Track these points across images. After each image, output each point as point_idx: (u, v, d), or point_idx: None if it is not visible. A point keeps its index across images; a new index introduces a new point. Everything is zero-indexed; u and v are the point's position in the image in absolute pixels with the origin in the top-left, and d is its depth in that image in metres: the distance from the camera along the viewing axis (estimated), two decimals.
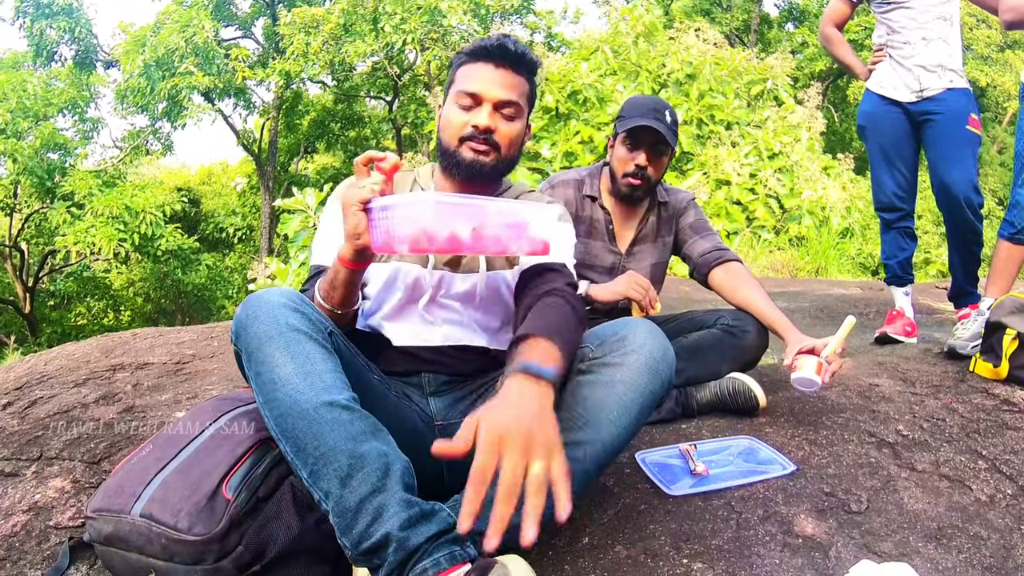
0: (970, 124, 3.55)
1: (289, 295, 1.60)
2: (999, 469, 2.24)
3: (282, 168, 24.04)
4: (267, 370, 1.51)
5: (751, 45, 22.52)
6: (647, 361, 1.68)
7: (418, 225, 1.49)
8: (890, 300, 4.00)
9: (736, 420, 2.59)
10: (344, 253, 1.71)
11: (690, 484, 2.10)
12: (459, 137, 1.96)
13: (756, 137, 10.17)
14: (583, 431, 1.63)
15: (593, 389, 1.67)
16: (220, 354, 3.82)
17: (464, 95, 1.95)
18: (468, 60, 2.00)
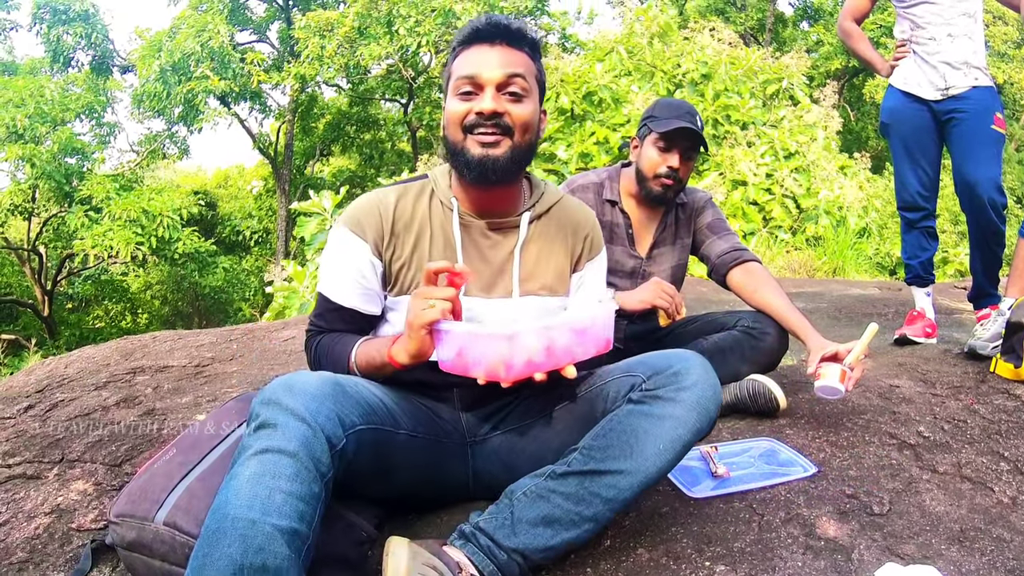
0: (995, 123, 3.50)
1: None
2: (1021, 471, 2.23)
3: (298, 171, 24.17)
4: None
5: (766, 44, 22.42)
6: (699, 400, 1.67)
7: (497, 356, 1.52)
8: (909, 300, 3.97)
9: (756, 422, 2.59)
10: (399, 358, 1.67)
11: (711, 486, 2.10)
12: (462, 128, 1.80)
13: (772, 137, 10.14)
14: (628, 461, 1.62)
15: (643, 421, 1.65)
16: (239, 356, 3.84)
17: (463, 81, 1.79)
18: (462, 47, 1.84)
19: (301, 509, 1.37)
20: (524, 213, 1.95)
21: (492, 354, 1.52)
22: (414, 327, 1.60)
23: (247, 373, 3.49)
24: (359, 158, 25.97)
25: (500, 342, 1.51)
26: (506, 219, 1.94)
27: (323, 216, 7.85)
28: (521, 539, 1.61)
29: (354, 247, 1.87)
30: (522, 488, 1.68)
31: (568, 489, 1.63)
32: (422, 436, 1.81)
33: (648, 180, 2.83)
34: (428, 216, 1.91)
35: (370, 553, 1.73)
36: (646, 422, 1.64)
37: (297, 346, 4.08)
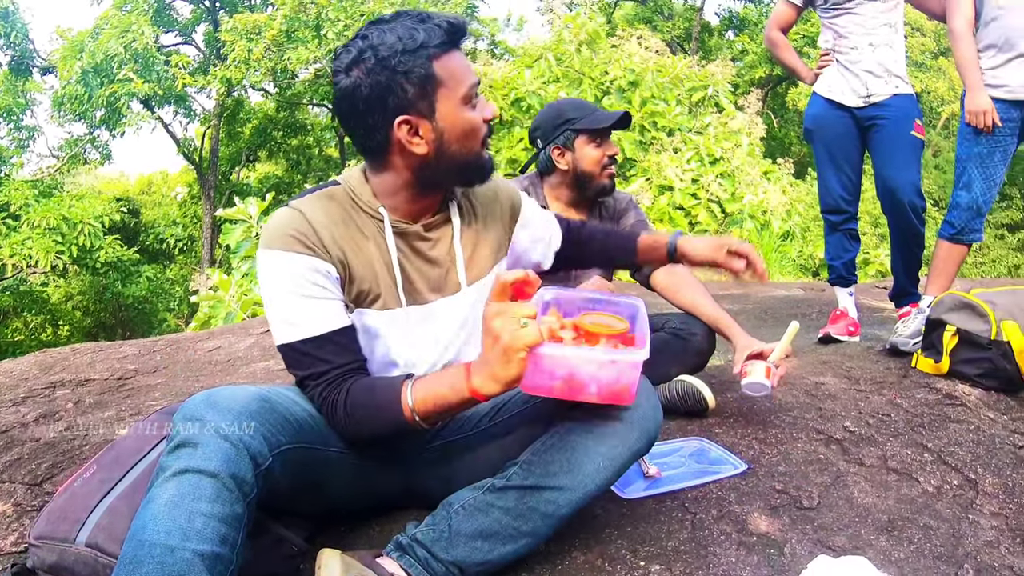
0: (915, 130, 3.64)
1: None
2: (944, 461, 2.30)
3: (223, 177, 23.70)
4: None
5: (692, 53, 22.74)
6: (641, 419, 1.66)
7: (619, 384, 1.50)
8: (832, 300, 4.07)
9: (686, 422, 2.61)
10: (488, 389, 1.50)
11: (643, 487, 2.11)
12: (481, 140, 1.73)
13: (698, 143, 10.31)
14: (568, 477, 1.60)
15: (584, 438, 1.63)
16: (163, 368, 3.76)
17: (472, 89, 1.69)
18: (441, 51, 1.64)
19: (223, 532, 1.32)
20: (450, 203, 1.85)
21: (607, 375, 1.48)
22: (512, 350, 1.42)
23: (172, 385, 3.42)
24: (286, 164, 25.59)
25: (627, 369, 1.49)
26: (438, 216, 1.83)
27: (248, 223, 7.75)
28: (458, 552, 1.59)
29: (298, 264, 1.65)
30: (460, 500, 1.65)
31: (507, 503, 1.61)
32: (356, 453, 1.74)
33: (596, 177, 2.87)
34: (361, 224, 1.75)
35: (301, 567, 1.68)
36: (587, 439, 1.62)
37: (223, 356, 4.01)
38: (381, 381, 1.68)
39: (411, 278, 1.78)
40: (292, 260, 1.65)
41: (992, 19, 3.40)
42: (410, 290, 1.78)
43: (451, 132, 1.67)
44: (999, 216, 19.59)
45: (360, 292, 1.73)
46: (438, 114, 1.66)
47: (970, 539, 1.90)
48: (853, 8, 3.68)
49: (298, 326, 1.65)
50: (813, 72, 3.93)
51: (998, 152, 3.44)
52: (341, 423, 1.65)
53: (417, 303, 1.79)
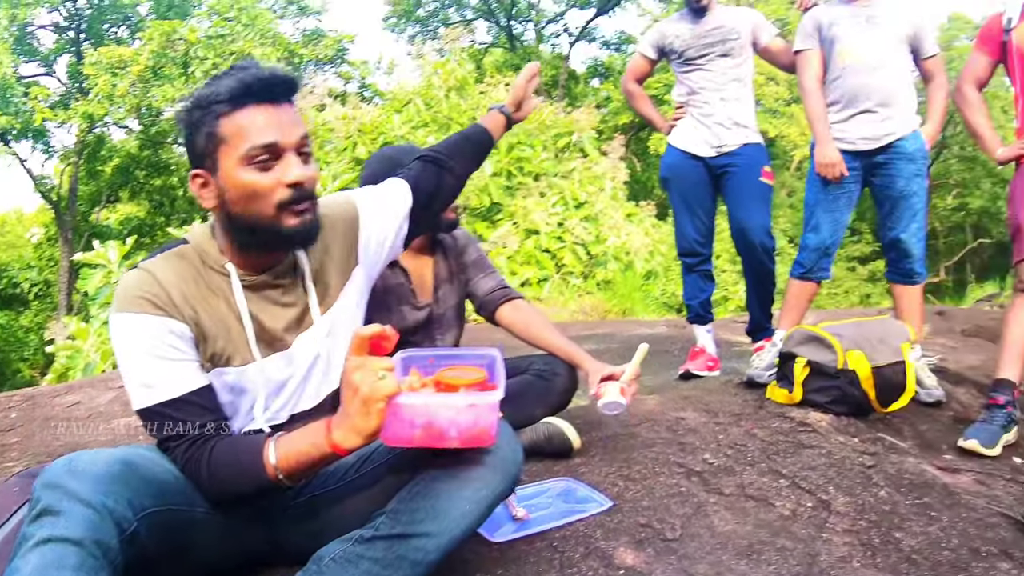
0: (763, 176, 3.90)
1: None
2: (799, 485, 2.43)
3: (83, 218, 22.68)
4: None
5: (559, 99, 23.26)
6: (502, 461, 1.68)
7: (477, 427, 1.52)
8: (694, 336, 4.23)
9: (552, 463, 2.65)
10: (349, 443, 1.50)
11: (512, 529, 2.14)
12: (275, 204, 1.64)
13: (563, 187, 10.52)
14: (434, 523, 1.60)
15: (448, 483, 1.63)
16: (19, 426, 3.56)
17: (259, 150, 1.61)
18: (232, 108, 1.62)
19: None
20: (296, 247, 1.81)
21: (466, 419, 1.50)
22: (372, 401, 1.44)
23: (29, 444, 3.27)
24: (148, 205, 24.64)
25: (484, 411, 1.52)
26: (286, 261, 1.80)
27: (108, 269, 7.45)
28: None
29: (151, 326, 1.64)
30: (330, 554, 1.63)
31: (376, 554, 1.60)
32: (222, 512, 1.69)
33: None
34: (211, 282, 1.73)
35: None
36: (451, 484, 1.63)
37: (83, 412, 3.85)
38: (243, 440, 1.68)
39: (267, 326, 1.77)
40: (145, 322, 1.64)
41: (837, 77, 3.66)
42: (268, 339, 1.77)
43: (231, 193, 1.66)
44: (850, 250, 20.75)
45: (214, 352, 1.72)
46: (220, 172, 1.66)
47: (824, 556, 2.01)
48: (704, 65, 3.93)
49: (155, 388, 1.64)
50: (668, 123, 4.14)
51: (843, 198, 3.67)
52: (205, 484, 1.64)
53: (276, 350, 1.78)
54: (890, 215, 3.63)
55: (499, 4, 28.28)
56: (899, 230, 3.61)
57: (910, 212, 3.58)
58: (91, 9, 20.99)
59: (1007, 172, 3.41)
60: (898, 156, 3.58)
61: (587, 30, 28.35)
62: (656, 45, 4.12)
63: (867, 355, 3.03)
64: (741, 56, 3.95)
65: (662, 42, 4.08)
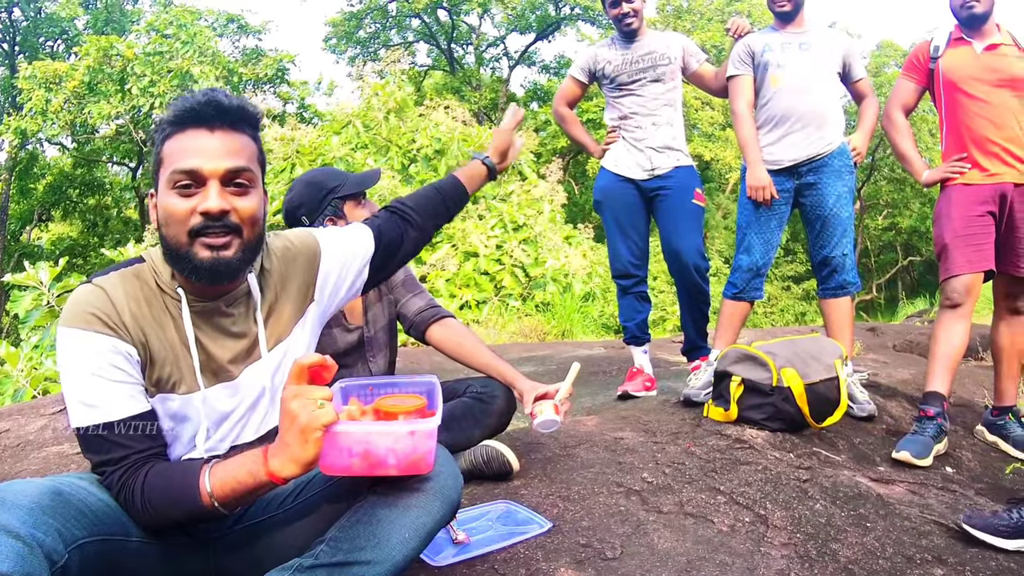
0: (695, 198, 3.97)
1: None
2: (736, 501, 2.45)
3: (13, 237, 22.15)
4: None
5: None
6: (442, 488, 1.67)
7: (415, 454, 1.51)
8: (631, 356, 4.26)
9: (492, 485, 2.65)
10: (286, 472, 1.47)
11: (453, 553, 2.13)
12: (188, 231, 1.61)
13: (502, 210, 10.56)
14: (375, 551, 1.58)
15: (388, 511, 1.62)
16: None
17: (180, 175, 1.60)
18: (174, 130, 1.63)
19: None
20: (249, 276, 1.79)
21: (404, 447, 1.50)
22: (309, 430, 1.42)
23: None
24: (82, 225, 24.19)
25: (423, 439, 1.51)
26: (237, 290, 1.78)
27: (39, 291, 7.27)
28: None
29: (98, 344, 1.60)
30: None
31: None
32: (156, 540, 1.65)
33: None
34: (163, 305, 1.71)
35: None
36: (391, 512, 1.62)
37: (13, 439, 3.72)
38: (178, 466, 1.64)
39: (214, 355, 1.74)
40: (92, 340, 1.60)
41: (768, 100, 3.76)
42: (215, 368, 1.74)
43: (161, 213, 1.65)
44: (785, 270, 21.13)
45: (160, 377, 1.69)
46: (159, 192, 1.66)
47: (763, 570, 2.04)
48: (636, 90, 4.00)
49: (96, 409, 1.59)
50: (600, 147, 4.20)
51: (774, 219, 3.75)
52: (138, 510, 1.59)
53: (221, 380, 1.75)
54: (821, 234, 3.72)
55: (440, 27, 28.40)
56: (830, 248, 3.70)
57: (840, 229, 3.68)
58: (26, 22, 20.66)
59: (935, 193, 3.53)
60: (826, 174, 3.68)
61: (527, 54, 28.70)
62: (587, 69, 4.17)
63: (800, 372, 3.09)
64: (672, 81, 4.03)
65: (593, 67, 4.14)
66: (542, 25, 27.28)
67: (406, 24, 28.48)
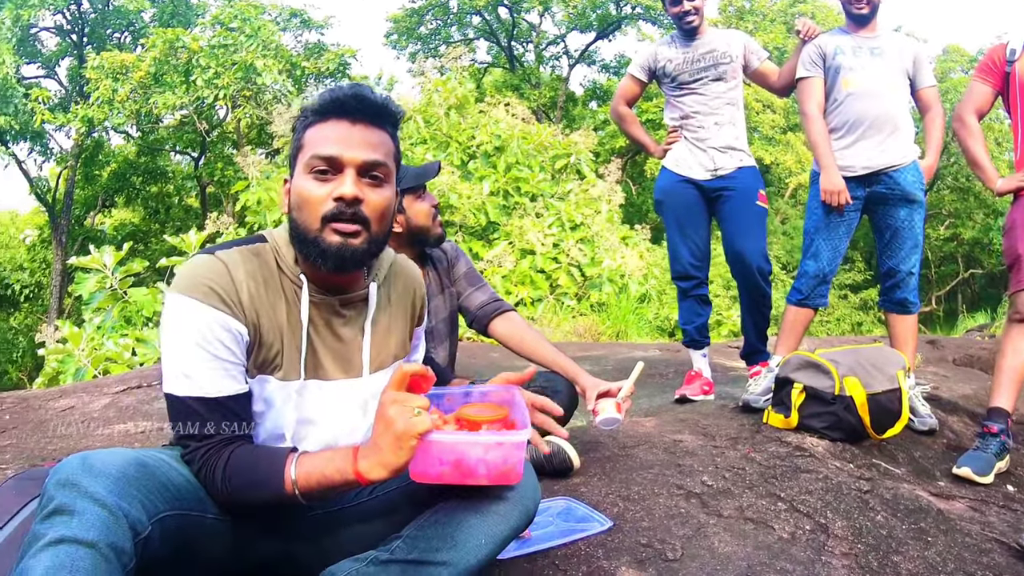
0: (759, 200, 3.92)
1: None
2: (797, 508, 2.44)
3: (77, 222, 22.66)
4: None
5: (557, 121, 23.41)
6: (522, 498, 1.68)
7: (506, 465, 1.52)
8: (687, 360, 4.24)
9: (552, 482, 2.65)
10: (374, 474, 1.48)
11: (514, 547, 2.13)
12: (321, 216, 1.63)
13: (559, 209, 10.57)
14: (450, 552, 1.59)
15: (468, 514, 1.63)
16: (13, 428, 3.58)
17: (319, 160, 1.62)
18: (317, 119, 1.67)
19: None
20: (371, 284, 1.82)
21: (495, 457, 1.51)
22: (405, 437, 1.43)
23: (22, 447, 3.26)
24: (144, 212, 24.67)
25: (511, 450, 1.52)
26: (356, 293, 1.80)
27: (103, 274, 7.43)
28: None
29: (212, 319, 1.60)
30: (342, 572, 1.62)
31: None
32: (233, 520, 1.65)
33: (430, 228, 2.93)
34: (280, 287, 1.72)
35: None
36: (471, 516, 1.62)
37: (78, 416, 3.83)
38: (264, 451, 1.64)
39: (317, 352, 1.75)
40: (205, 313, 1.60)
41: (839, 104, 3.70)
42: (314, 364, 1.75)
43: (294, 197, 1.68)
44: (843, 278, 20.79)
45: (264, 359, 1.69)
46: (295, 176, 1.69)
47: None
48: (698, 88, 3.95)
49: (194, 381, 1.60)
50: (661, 147, 4.17)
51: (843, 226, 3.70)
52: (218, 489, 1.59)
53: (318, 378, 1.76)
54: (890, 244, 3.67)
55: (500, 25, 28.48)
56: (896, 261, 3.65)
57: (910, 243, 3.62)
58: (95, 13, 21.06)
59: (1000, 203, 3.47)
60: (899, 185, 3.62)
61: (587, 53, 28.62)
62: (646, 67, 4.13)
63: (863, 382, 3.06)
64: (734, 79, 3.98)
65: (653, 65, 4.09)
66: (603, 24, 27.21)
67: (467, 21, 28.61)
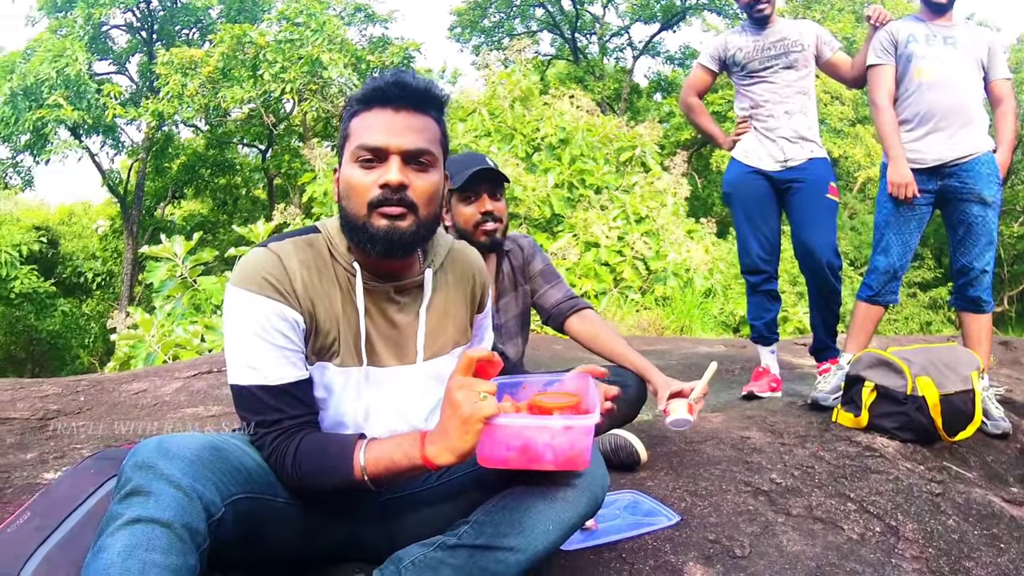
0: (830, 192, 3.85)
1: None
2: (867, 509, 2.42)
3: (147, 213, 23.23)
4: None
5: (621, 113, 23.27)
6: (590, 487, 1.68)
7: (573, 450, 1.52)
8: (753, 356, 4.20)
9: (618, 475, 2.66)
10: (441, 459, 1.51)
11: (581, 539, 2.14)
12: (368, 202, 1.66)
13: (624, 201, 10.50)
14: (518, 538, 1.61)
15: (536, 500, 1.64)
16: (87, 410, 3.66)
17: (364, 150, 1.65)
18: (361, 108, 1.70)
19: None
20: (426, 270, 1.84)
21: (562, 442, 1.52)
22: (471, 422, 1.46)
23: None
24: (212, 203, 25.20)
25: (562, 432, 1.52)
26: (411, 280, 1.83)
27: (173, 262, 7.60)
28: None
29: (268, 309, 1.65)
30: (410, 556, 1.65)
31: (457, 561, 1.61)
32: (302, 503, 1.71)
33: (472, 234, 2.81)
34: (334, 276, 1.76)
35: None
36: (539, 502, 1.64)
37: (149, 400, 3.93)
38: (334, 438, 1.68)
39: (372, 339, 1.78)
40: (261, 304, 1.65)
41: (912, 93, 3.63)
42: (369, 351, 1.78)
43: (342, 185, 1.71)
44: (912, 275, 20.29)
45: (322, 346, 1.74)
46: (342, 165, 1.73)
47: None
48: (768, 77, 3.89)
49: (257, 371, 1.65)
50: (730, 138, 4.11)
51: (914, 220, 3.64)
52: (288, 474, 1.64)
53: (374, 365, 1.80)
54: (964, 240, 3.60)
55: (564, 17, 28.40)
56: (970, 258, 3.57)
57: (984, 240, 3.55)
58: (163, 11, 21.53)
59: None
60: (973, 179, 3.54)
61: (651, 44, 28.37)
62: (717, 56, 4.09)
63: (936, 382, 3.01)
64: (805, 68, 3.92)
65: (723, 54, 4.05)
66: (667, 15, 26.97)
67: (530, 13, 28.59)
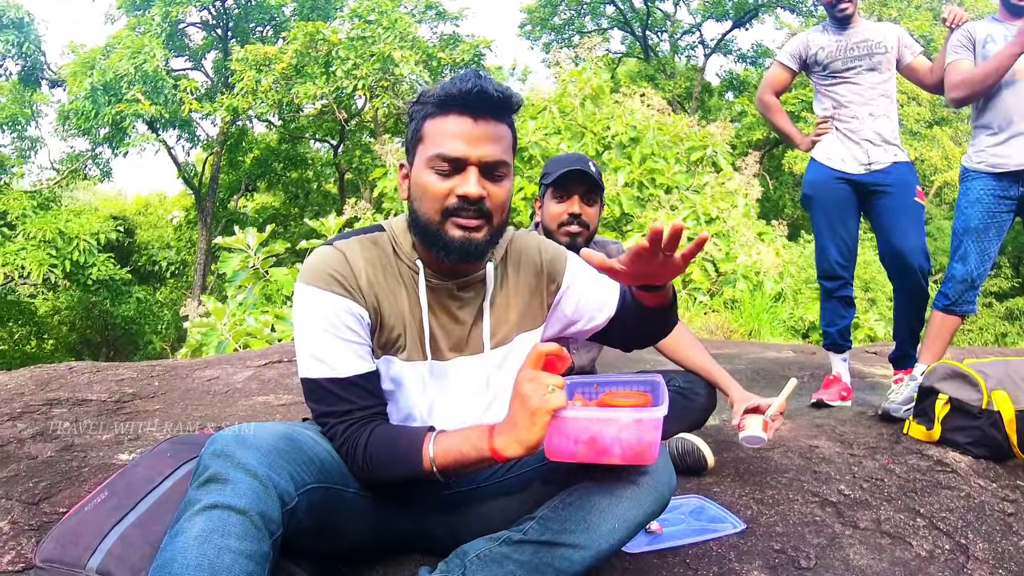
0: (917, 196, 3.75)
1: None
2: (936, 526, 2.36)
3: (221, 204, 23.81)
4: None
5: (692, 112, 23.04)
6: (657, 485, 1.67)
7: (640, 444, 1.52)
8: (822, 363, 4.13)
9: (685, 480, 2.64)
10: (510, 451, 1.52)
11: (645, 542, 2.14)
12: (442, 210, 1.68)
13: (694, 202, 10.41)
14: (584, 535, 1.61)
15: (602, 498, 1.64)
16: (161, 394, 3.76)
17: (442, 160, 1.66)
18: (438, 111, 1.69)
19: (250, 569, 1.33)
20: (488, 264, 1.85)
21: (629, 436, 1.52)
22: (539, 413, 1.47)
23: (170, 412, 3.43)
24: (284, 196, 25.72)
25: (630, 425, 1.52)
26: (473, 276, 1.85)
27: (246, 253, 7.75)
28: None
29: (335, 305, 1.71)
30: (476, 550, 1.67)
31: (523, 557, 1.62)
32: (372, 495, 1.75)
33: (554, 232, 2.84)
34: (398, 274, 1.80)
35: None
36: (605, 499, 1.63)
37: (221, 387, 4.01)
38: (404, 430, 1.70)
39: (435, 334, 1.81)
40: (328, 299, 1.70)
41: (992, 95, 3.52)
42: (433, 347, 1.81)
43: (415, 188, 1.73)
44: (987, 285, 19.77)
45: (388, 340, 1.78)
46: (414, 167, 1.74)
47: None
48: (852, 78, 3.81)
49: (326, 364, 1.70)
50: (809, 139, 4.02)
51: (993, 228, 3.53)
52: (358, 465, 1.68)
53: (438, 359, 1.83)
54: None
55: (635, 14, 28.23)
56: None
57: None
58: (238, 9, 22.00)
59: None
60: None
61: (723, 42, 28.05)
62: (797, 55, 4.01)
63: (1012, 396, 2.90)
64: (888, 71, 3.83)
65: (805, 53, 3.97)
66: (739, 12, 26.62)
67: (600, 11, 28.49)
